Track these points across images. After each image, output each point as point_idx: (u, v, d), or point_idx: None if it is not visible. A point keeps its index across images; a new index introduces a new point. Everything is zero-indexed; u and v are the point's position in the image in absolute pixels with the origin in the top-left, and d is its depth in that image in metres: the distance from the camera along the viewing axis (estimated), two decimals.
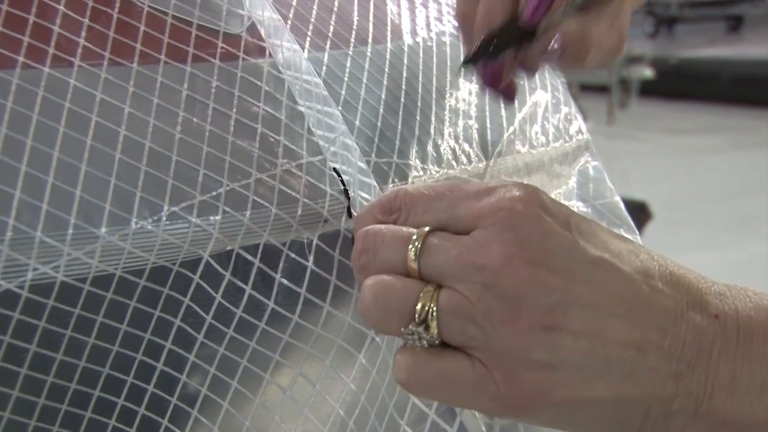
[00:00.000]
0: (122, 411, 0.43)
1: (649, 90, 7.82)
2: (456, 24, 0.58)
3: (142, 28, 0.45)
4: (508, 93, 0.52)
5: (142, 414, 0.44)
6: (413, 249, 0.38)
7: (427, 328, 0.37)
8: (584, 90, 7.37)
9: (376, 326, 0.39)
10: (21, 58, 0.42)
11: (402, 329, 0.38)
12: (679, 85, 8.69)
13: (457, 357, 0.38)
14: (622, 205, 0.63)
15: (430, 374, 0.38)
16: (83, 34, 0.44)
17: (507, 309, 0.36)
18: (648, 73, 7.48)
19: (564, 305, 0.37)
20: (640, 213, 2.79)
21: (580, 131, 0.65)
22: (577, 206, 0.61)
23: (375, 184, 0.46)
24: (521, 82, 0.62)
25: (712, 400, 0.38)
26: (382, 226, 0.40)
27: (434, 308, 0.37)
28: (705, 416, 0.38)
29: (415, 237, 0.39)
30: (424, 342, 0.38)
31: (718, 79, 8.56)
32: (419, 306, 0.37)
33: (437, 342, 0.38)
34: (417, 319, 0.37)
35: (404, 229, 0.40)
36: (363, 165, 0.46)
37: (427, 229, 0.39)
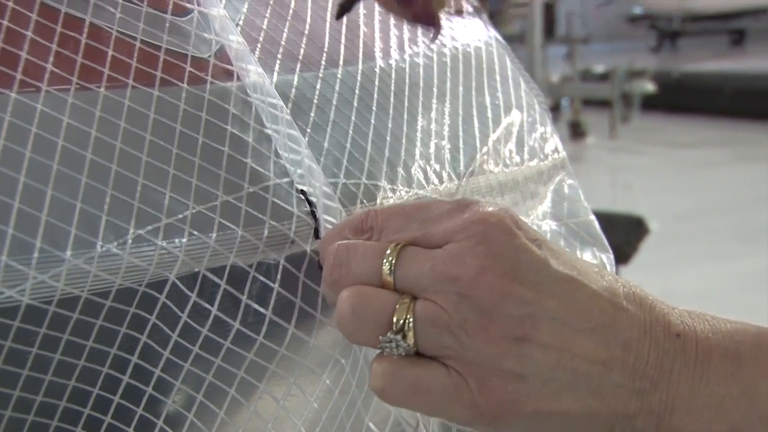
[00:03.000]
0: (88, 420, 0.44)
1: (651, 104, 7.83)
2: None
3: (110, 52, 0.46)
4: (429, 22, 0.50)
5: (109, 422, 0.44)
6: (388, 262, 0.39)
7: (404, 337, 0.38)
8: (586, 104, 7.39)
9: (351, 335, 0.40)
10: None
11: (380, 337, 0.39)
12: (682, 98, 8.70)
13: (432, 365, 0.39)
14: (596, 224, 0.64)
15: (407, 382, 0.39)
16: (51, 59, 0.44)
17: (481, 318, 0.38)
18: (650, 87, 7.49)
19: (534, 318, 0.38)
20: (637, 228, 2.79)
21: (556, 150, 0.65)
22: (549, 225, 0.62)
23: (340, 207, 0.47)
24: (496, 102, 0.63)
25: (673, 417, 0.39)
26: (355, 241, 0.41)
27: (410, 319, 0.38)
28: None
29: (389, 251, 0.40)
30: (401, 350, 0.38)
31: (720, 92, 8.57)
32: (395, 318, 0.38)
33: (413, 352, 0.39)
34: (394, 328, 0.38)
35: (377, 243, 0.41)
36: (328, 189, 0.47)
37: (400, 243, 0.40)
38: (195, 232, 0.44)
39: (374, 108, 0.54)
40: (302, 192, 0.47)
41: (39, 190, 0.41)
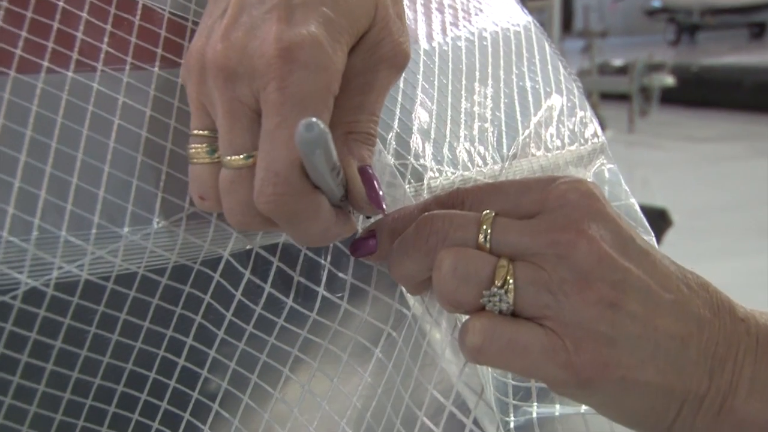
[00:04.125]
0: (145, 405, 0.45)
1: (670, 98, 7.79)
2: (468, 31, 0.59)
3: (163, 33, 0.46)
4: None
5: (165, 408, 0.45)
6: (484, 228, 0.41)
7: (505, 294, 0.39)
8: (604, 98, 7.36)
9: (451, 294, 0.40)
10: (46, 63, 0.43)
11: (484, 292, 0.39)
12: (701, 92, 8.66)
13: (530, 324, 0.40)
14: (637, 207, 0.64)
15: (505, 339, 0.39)
16: (106, 39, 0.45)
17: (579, 279, 0.39)
18: (669, 80, 7.46)
19: (624, 285, 0.39)
20: (660, 220, 2.79)
21: (595, 134, 0.65)
22: None
23: (403, 184, 0.47)
24: (536, 86, 0.63)
25: (735, 398, 0.40)
26: (447, 211, 0.42)
27: (510, 281, 0.39)
28: (727, 414, 0.40)
29: (483, 219, 0.41)
30: (504, 306, 0.39)
31: (740, 86, 8.52)
32: (496, 280, 0.39)
33: (511, 312, 0.40)
34: (497, 284, 0.39)
35: (471, 213, 0.42)
36: (391, 166, 0.47)
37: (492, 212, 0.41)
38: None
39: (419, 90, 0.54)
40: None
41: (96, 168, 0.42)
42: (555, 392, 0.41)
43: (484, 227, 0.41)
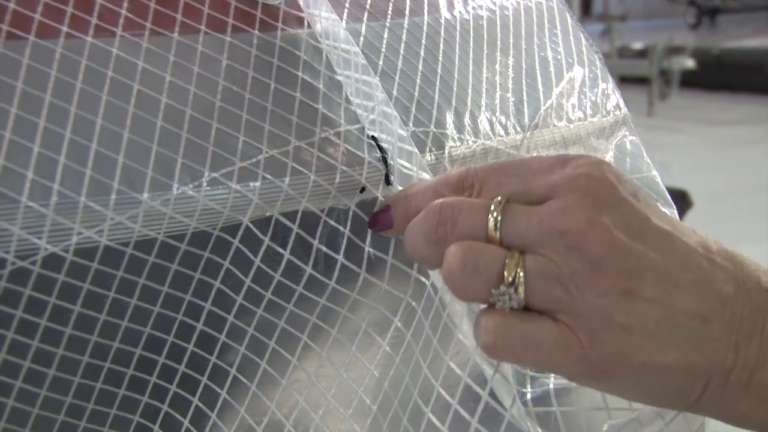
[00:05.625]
0: (163, 368, 0.45)
1: (690, 81, 7.74)
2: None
3: None
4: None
5: (182, 372, 0.45)
6: (493, 218, 0.39)
7: (515, 291, 0.38)
8: (624, 81, 7.31)
9: (461, 290, 0.39)
10: (65, 28, 0.42)
11: (493, 290, 0.39)
12: (721, 75, 8.61)
13: (542, 319, 0.39)
14: (659, 179, 0.63)
15: (518, 335, 0.38)
16: (125, 5, 0.44)
17: (591, 270, 0.38)
18: (690, 63, 7.41)
19: (640, 271, 0.38)
20: (680, 201, 2.78)
21: (617, 106, 0.65)
22: None
23: (416, 150, 0.47)
24: (558, 57, 0.63)
25: (762, 372, 0.39)
26: (457, 198, 0.41)
27: (521, 274, 0.38)
28: (755, 388, 0.39)
29: (493, 207, 0.40)
30: (514, 303, 0.38)
31: (761, 69, 8.46)
32: (506, 272, 0.38)
33: (522, 306, 0.39)
34: (506, 281, 0.38)
35: (481, 200, 0.41)
36: (403, 132, 0.47)
37: (503, 199, 0.40)
38: (268, 176, 0.44)
39: (440, 58, 0.54)
40: (373, 138, 0.47)
41: (116, 133, 0.42)
42: (573, 383, 0.41)
43: (495, 215, 0.39)
